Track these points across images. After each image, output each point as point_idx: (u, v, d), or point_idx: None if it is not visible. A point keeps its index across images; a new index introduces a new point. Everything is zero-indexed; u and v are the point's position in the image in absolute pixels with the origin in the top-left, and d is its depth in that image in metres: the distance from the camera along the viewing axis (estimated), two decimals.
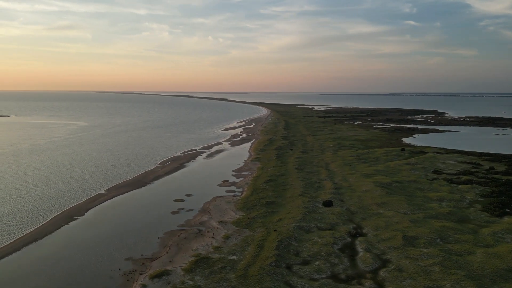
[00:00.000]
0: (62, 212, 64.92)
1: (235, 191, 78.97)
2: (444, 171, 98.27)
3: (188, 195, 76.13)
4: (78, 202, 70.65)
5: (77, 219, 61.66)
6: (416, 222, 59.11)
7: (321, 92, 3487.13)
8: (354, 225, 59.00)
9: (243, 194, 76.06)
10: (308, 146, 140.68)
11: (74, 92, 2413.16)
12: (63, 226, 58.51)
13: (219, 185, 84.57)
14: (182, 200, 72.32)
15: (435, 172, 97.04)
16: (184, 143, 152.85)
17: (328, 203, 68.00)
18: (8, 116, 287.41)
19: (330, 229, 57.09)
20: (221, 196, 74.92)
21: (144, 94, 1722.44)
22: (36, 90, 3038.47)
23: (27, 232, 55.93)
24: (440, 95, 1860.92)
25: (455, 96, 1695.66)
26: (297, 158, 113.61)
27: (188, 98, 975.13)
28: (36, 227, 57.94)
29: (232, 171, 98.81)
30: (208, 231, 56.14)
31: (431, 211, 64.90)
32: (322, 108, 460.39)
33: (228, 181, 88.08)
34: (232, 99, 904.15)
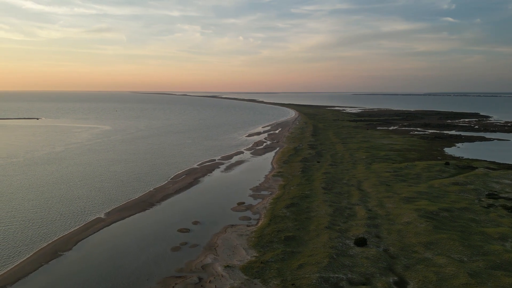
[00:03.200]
0: (49, 244, 56.37)
1: (250, 219, 67.93)
2: (500, 194, 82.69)
3: (196, 222, 65.88)
4: (71, 230, 62.09)
5: (61, 255, 52.75)
6: (477, 276, 45.68)
7: (353, 92, 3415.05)
8: (395, 278, 46.33)
9: (259, 224, 64.87)
10: (338, 158, 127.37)
11: (108, 92, 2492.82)
12: (43, 265, 49.68)
13: (233, 208, 73.80)
14: (187, 230, 62.11)
15: (489, 195, 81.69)
16: (204, 151, 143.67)
17: (361, 242, 55.52)
18: (38, 119, 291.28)
19: (364, 284, 44.81)
20: (232, 226, 64.10)
21: (175, 94, 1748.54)
22: (74, 91, 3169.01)
23: None
24: (480, 95, 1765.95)
25: (496, 96, 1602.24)
26: (324, 174, 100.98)
27: (217, 99, 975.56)
28: (12, 266, 49.45)
29: (250, 189, 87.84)
30: (210, 281, 45.40)
31: (494, 257, 50.96)
32: (354, 110, 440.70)
33: (244, 203, 77.19)
34: (260, 99, 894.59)
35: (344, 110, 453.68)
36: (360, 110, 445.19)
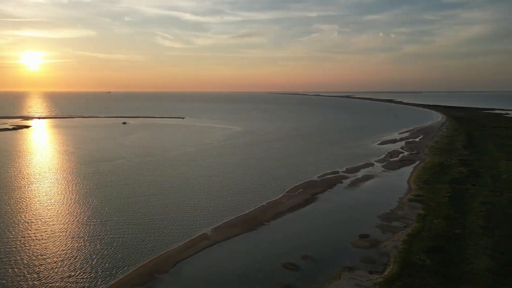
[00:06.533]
0: (149, 261, 53.81)
1: (374, 262, 53.41)
2: None
3: (305, 257, 55.01)
4: (174, 247, 58.99)
5: (157, 278, 49.01)
6: None
7: None
8: None
9: (386, 272, 49.93)
10: (502, 180, 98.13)
11: (248, 93, 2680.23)
12: None
13: (353, 243, 60.11)
14: (293, 267, 51.82)
15: None
16: (327, 160, 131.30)
17: None
18: (183, 118, 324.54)
19: None
20: (350, 270, 50.92)
21: (308, 94, 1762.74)
22: (220, 91, 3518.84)
23: None
24: None
25: None
26: (483, 204, 77.06)
27: (350, 100, 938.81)
28: (106, 286, 47.64)
29: (378, 216, 72.05)
30: None
31: None
32: None
33: (367, 236, 62.60)
34: (399, 100, 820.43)
35: (508, 114, 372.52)
36: None
